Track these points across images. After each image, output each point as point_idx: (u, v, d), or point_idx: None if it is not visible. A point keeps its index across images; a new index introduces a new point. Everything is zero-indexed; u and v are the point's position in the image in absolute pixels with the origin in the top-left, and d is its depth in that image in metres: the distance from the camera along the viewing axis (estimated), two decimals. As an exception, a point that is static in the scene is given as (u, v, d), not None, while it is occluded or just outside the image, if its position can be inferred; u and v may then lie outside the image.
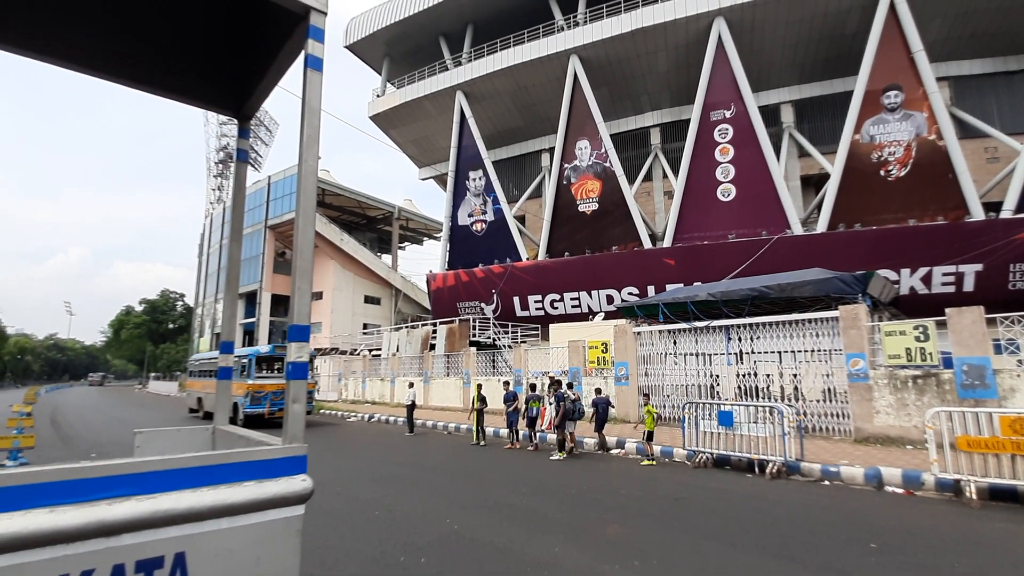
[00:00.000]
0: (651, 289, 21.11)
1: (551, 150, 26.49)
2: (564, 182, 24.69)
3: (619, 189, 23.05)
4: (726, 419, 8.37)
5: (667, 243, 21.85)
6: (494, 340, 23.26)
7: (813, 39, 21.70)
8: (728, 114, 21.39)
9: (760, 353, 11.64)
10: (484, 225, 27.08)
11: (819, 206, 20.71)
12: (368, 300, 39.54)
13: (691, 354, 12.63)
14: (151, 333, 61.85)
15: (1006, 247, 16.60)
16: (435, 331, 24.25)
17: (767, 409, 8.10)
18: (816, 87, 23.11)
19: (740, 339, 11.81)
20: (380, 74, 32.47)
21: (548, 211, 25.13)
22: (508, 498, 6.67)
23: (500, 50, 25.99)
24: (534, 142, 29.35)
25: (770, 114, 22.77)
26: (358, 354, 28.46)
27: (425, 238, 51.43)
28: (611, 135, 24.15)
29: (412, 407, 13.87)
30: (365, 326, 37.06)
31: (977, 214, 17.55)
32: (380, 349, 27.86)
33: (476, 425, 11.77)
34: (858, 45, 20.04)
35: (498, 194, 26.41)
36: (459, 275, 27.05)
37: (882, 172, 19.03)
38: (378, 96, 31.69)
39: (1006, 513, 5.75)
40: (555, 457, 9.62)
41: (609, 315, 20.36)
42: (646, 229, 22.99)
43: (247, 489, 1.68)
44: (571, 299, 23.72)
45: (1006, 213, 17.75)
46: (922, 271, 17.76)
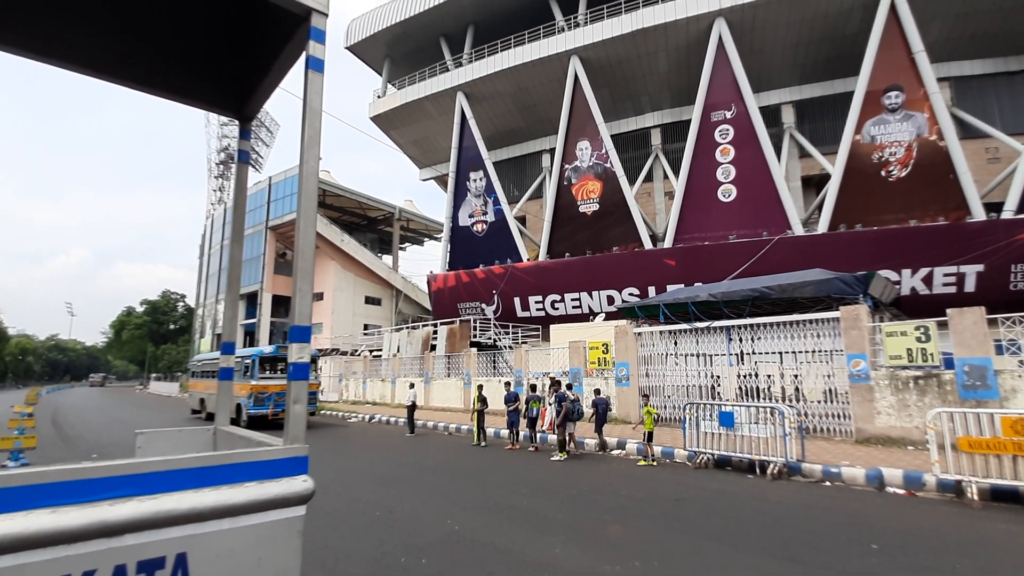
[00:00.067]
0: (652, 290, 21.10)
1: (552, 151, 26.50)
2: (565, 183, 24.69)
3: (620, 190, 23.05)
4: (727, 420, 8.37)
5: (668, 244, 21.85)
6: (495, 341, 23.26)
7: (814, 40, 21.70)
8: (729, 115, 21.39)
9: (761, 354, 11.63)
10: (485, 226, 27.09)
11: (820, 207, 20.71)
12: (369, 301, 39.56)
13: (692, 355, 12.62)
14: (152, 334, 61.95)
15: (1007, 247, 16.58)
16: (436, 332, 24.27)
17: (768, 410, 8.10)
18: (817, 88, 23.10)
19: (741, 340, 11.81)
20: (381, 75, 32.48)
21: (549, 212, 25.13)
22: (509, 499, 6.67)
23: (501, 51, 26.00)
24: (535, 143, 29.35)
25: (771, 115, 22.75)
26: (359, 355, 28.46)
27: (426, 239, 51.47)
28: (612, 136, 24.15)
29: (413, 408, 13.88)
30: (366, 327, 37.07)
31: (978, 214, 17.53)
32: (381, 350, 27.88)
33: (477, 426, 11.78)
34: (859, 45, 20.03)
35: (499, 195, 26.42)
36: (460, 276, 27.06)
37: (883, 172, 19.02)
38: (379, 97, 31.71)
39: (1008, 514, 5.74)
40: (556, 458, 9.62)
41: (610, 316, 20.37)
42: (647, 230, 22.99)
43: (248, 490, 1.68)
44: (572, 300, 23.72)
45: (1007, 213, 17.73)
46: (923, 272, 17.75)
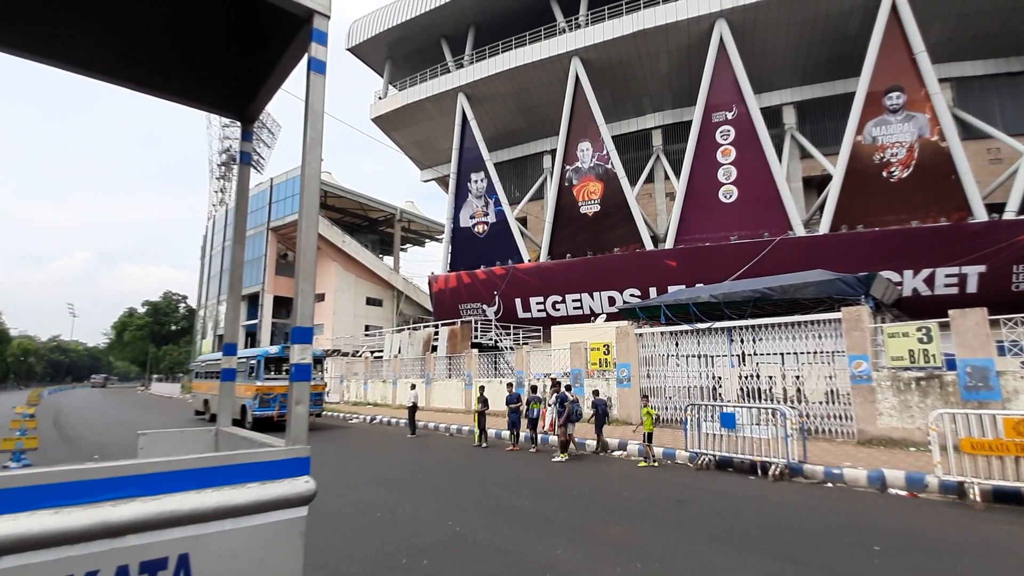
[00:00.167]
0: (653, 291, 21.09)
1: (553, 152, 26.52)
2: (566, 184, 24.69)
3: (621, 191, 23.05)
4: (728, 421, 8.35)
5: (669, 244, 21.84)
6: (496, 342, 23.25)
7: (815, 41, 21.70)
8: (730, 116, 21.38)
9: (762, 355, 11.61)
10: (486, 227, 27.10)
11: (821, 207, 20.68)
12: (370, 302, 39.59)
13: (693, 356, 12.61)
14: (154, 335, 62.03)
15: (1009, 248, 16.56)
16: (437, 333, 24.26)
17: (770, 411, 8.08)
18: (818, 88, 23.08)
19: (742, 341, 11.79)
20: (382, 76, 32.53)
21: (550, 213, 25.13)
22: (510, 500, 6.67)
23: (502, 52, 26.02)
24: (536, 144, 29.36)
25: (772, 116, 22.74)
26: (360, 356, 28.47)
27: (427, 240, 51.48)
28: (613, 137, 24.15)
29: (414, 409, 13.88)
30: (367, 328, 37.09)
31: (980, 215, 17.51)
32: (382, 351, 27.89)
33: (478, 427, 11.78)
34: (860, 46, 20.02)
35: (500, 196, 26.42)
36: (461, 277, 27.06)
37: (884, 173, 19.00)
38: (380, 98, 31.75)
39: (1010, 515, 5.72)
40: (557, 459, 9.61)
41: (611, 316, 20.36)
42: (648, 231, 22.98)
43: (250, 490, 1.68)
44: (573, 301, 23.71)
45: (1009, 214, 17.70)
46: (925, 272, 17.72)
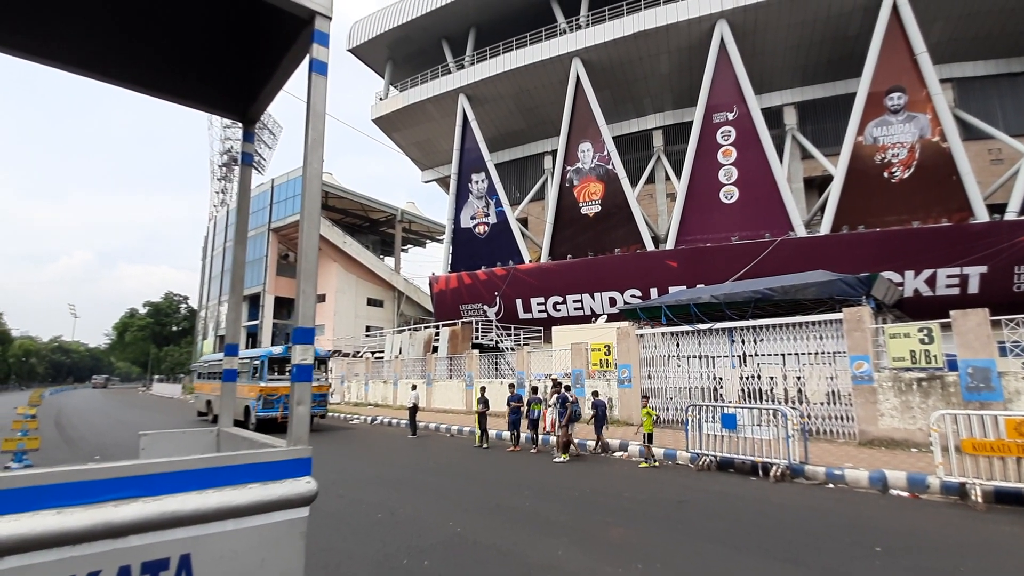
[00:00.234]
0: (654, 291, 21.08)
1: (553, 152, 26.53)
2: (567, 184, 24.70)
3: (622, 191, 23.05)
4: (729, 422, 8.35)
5: (670, 245, 21.84)
6: (497, 342, 23.25)
7: (816, 41, 21.69)
8: (731, 116, 21.38)
9: (763, 355, 11.60)
10: (487, 227, 27.11)
11: (822, 208, 20.67)
12: (371, 302, 39.61)
13: (694, 356, 12.60)
14: (155, 335, 62.11)
15: (1011, 249, 16.54)
16: (438, 333, 24.26)
17: (771, 412, 8.08)
18: (819, 89, 23.07)
19: (743, 341, 11.78)
20: (383, 77, 32.57)
21: (551, 213, 25.13)
22: (511, 500, 6.67)
23: (502, 53, 26.04)
24: (536, 144, 29.38)
25: (773, 116, 22.73)
26: (361, 356, 28.48)
27: (428, 240, 51.50)
28: (613, 137, 24.15)
29: (414, 409, 13.88)
30: (368, 328, 37.10)
31: (981, 216, 17.49)
32: (383, 351, 27.89)
33: (479, 427, 11.78)
34: (861, 47, 20.02)
35: (500, 196, 26.44)
36: (462, 277, 27.07)
37: (885, 174, 18.98)
38: (381, 99, 31.79)
39: (1012, 516, 5.72)
40: (559, 459, 9.61)
41: (612, 317, 20.35)
42: (649, 231, 22.98)
43: (252, 491, 1.68)
44: (574, 301, 23.71)
45: (1010, 215, 17.68)
46: (926, 273, 17.70)
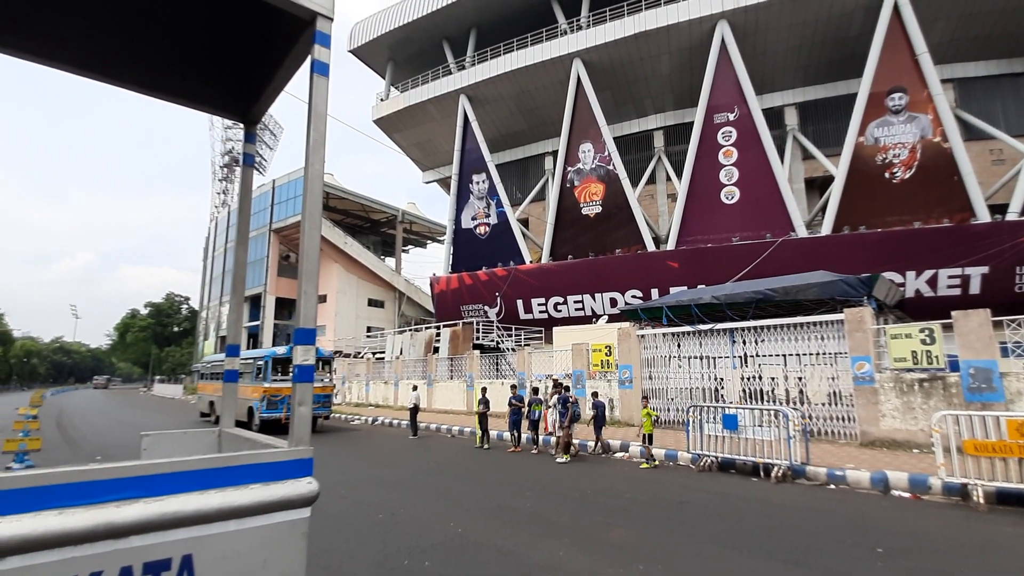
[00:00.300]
0: (655, 292, 21.06)
1: (554, 153, 26.52)
2: (567, 185, 24.69)
3: (622, 192, 23.04)
4: (731, 422, 8.34)
5: (671, 246, 21.82)
6: (498, 343, 23.25)
7: (817, 41, 21.67)
8: (732, 117, 21.36)
9: (765, 356, 11.59)
10: (487, 228, 27.11)
11: (823, 208, 20.64)
12: (372, 303, 39.62)
13: (695, 357, 12.59)
14: (156, 336, 62.22)
15: (1012, 249, 16.51)
16: (439, 334, 24.27)
17: (772, 412, 8.07)
18: (820, 89, 23.04)
19: (744, 342, 11.77)
20: (384, 78, 32.59)
21: (551, 214, 25.12)
22: (512, 501, 6.67)
23: (503, 54, 26.05)
24: (537, 145, 29.38)
25: (774, 117, 22.71)
26: (362, 357, 28.49)
27: (429, 241, 51.51)
28: (614, 138, 24.14)
29: (415, 410, 13.88)
30: (369, 329, 37.14)
31: (983, 216, 17.45)
32: (384, 352, 27.92)
33: (480, 428, 11.77)
34: (862, 47, 20.00)
35: (501, 197, 26.43)
36: (463, 278, 27.07)
37: (887, 174, 18.96)
38: (382, 100, 31.81)
39: (1014, 517, 5.70)
40: (561, 460, 9.61)
41: (613, 318, 20.34)
42: (649, 232, 22.96)
43: (254, 492, 1.68)
44: (574, 302, 23.70)
45: (1012, 215, 17.64)
46: (928, 273, 17.67)
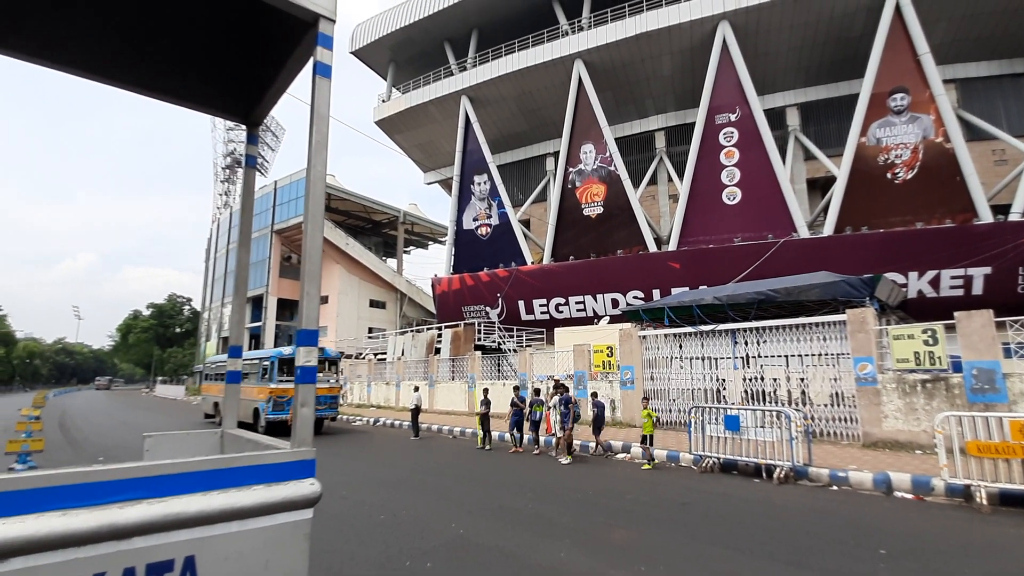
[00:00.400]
0: (656, 293, 21.04)
1: (556, 154, 26.53)
2: (569, 186, 24.69)
3: (624, 193, 23.03)
4: (733, 423, 8.32)
5: (672, 247, 21.80)
6: (499, 344, 23.25)
7: (818, 42, 21.65)
8: (733, 117, 21.34)
9: (767, 357, 11.57)
10: (489, 229, 27.12)
11: (825, 209, 20.60)
12: (373, 304, 39.64)
13: (697, 358, 12.57)
14: (158, 337, 62.33)
15: (1015, 250, 16.45)
16: (440, 335, 24.27)
17: (774, 413, 8.05)
18: (822, 90, 23.02)
19: (746, 343, 11.76)
20: (385, 79, 32.64)
21: (553, 215, 25.13)
22: (513, 502, 6.66)
23: (505, 55, 26.06)
24: (539, 146, 29.38)
25: (775, 117, 22.68)
26: (363, 358, 28.50)
27: (430, 242, 51.53)
28: (616, 139, 24.13)
29: (417, 411, 13.88)
30: (370, 330, 37.15)
31: (985, 217, 17.40)
32: (385, 353, 27.92)
33: (481, 429, 11.77)
34: (864, 48, 19.97)
35: (503, 198, 26.44)
36: (464, 279, 27.08)
37: (889, 175, 18.92)
38: (383, 101, 31.85)
39: (1016, 518, 5.68)
40: (565, 461, 9.59)
41: (614, 319, 20.33)
42: (651, 233, 22.94)
43: (256, 493, 1.69)
44: (576, 303, 23.69)
45: (1015, 216, 17.59)
46: (930, 274, 17.62)
